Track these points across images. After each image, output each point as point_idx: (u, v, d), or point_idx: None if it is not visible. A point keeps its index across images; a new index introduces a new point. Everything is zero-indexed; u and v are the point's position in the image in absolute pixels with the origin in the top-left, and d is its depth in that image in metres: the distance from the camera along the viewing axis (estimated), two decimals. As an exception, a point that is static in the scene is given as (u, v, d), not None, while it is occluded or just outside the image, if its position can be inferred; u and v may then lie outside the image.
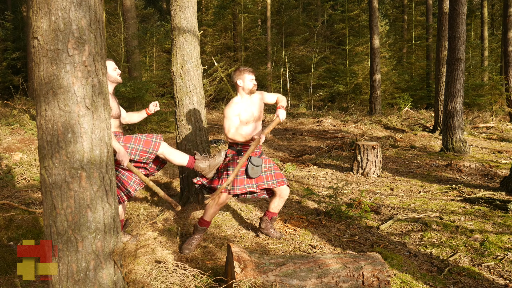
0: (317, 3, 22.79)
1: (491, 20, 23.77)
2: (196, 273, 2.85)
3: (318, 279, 2.64)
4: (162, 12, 22.70)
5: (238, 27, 17.24)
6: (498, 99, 12.86)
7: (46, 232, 2.11)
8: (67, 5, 1.99)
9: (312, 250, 3.63)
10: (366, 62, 16.25)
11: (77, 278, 2.08)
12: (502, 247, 3.60)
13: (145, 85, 9.03)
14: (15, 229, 3.67)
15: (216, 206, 3.49)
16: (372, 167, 6.34)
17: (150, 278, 2.70)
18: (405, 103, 14.68)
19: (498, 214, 4.43)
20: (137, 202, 4.70)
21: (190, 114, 4.39)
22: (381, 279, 2.70)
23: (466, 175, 6.28)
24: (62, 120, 2.02)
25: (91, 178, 2.09)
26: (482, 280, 3.07)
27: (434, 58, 16.21)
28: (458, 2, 7.91)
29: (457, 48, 8.01)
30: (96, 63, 2.09)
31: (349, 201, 4.99)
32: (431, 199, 5.08)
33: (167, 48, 14.74)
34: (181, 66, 4.35)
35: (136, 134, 3.24)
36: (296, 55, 18.19)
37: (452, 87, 8.07)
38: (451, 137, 8.03)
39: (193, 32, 4.37)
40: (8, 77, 16.10)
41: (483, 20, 17.80)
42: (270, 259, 2.75)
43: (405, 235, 3.98)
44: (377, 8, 13.47)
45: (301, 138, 10.13)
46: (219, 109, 14.63)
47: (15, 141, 6.71)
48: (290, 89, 16.66)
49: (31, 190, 4.89)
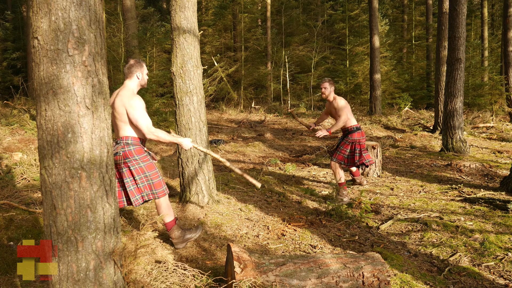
0: (317, 3, 22.79)
1: (491, 20, 23.76)
2: (196, 273, 2.85)
3: (318, 279, 2.64)
4: (162, 12, 22.70)
5: (238, 27, 17.24)
6: (498, 99, 12.86)
7: (46, 232, 2.11)
8: (67, 5, 1.99)
9: (312, 250, 3.63)
10: (366, 62, 16.25)
11: (77, 278, 2.08)
12: (502, 247, 3.60)
13: (145, 85, 9.01)
14: (15, 229, 3.67)
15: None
16: (372, 167, 6.34)
17: (150, 278, 2.70)
18: (405, 103, 14.68)
19: (498, 214, 4.44)
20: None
21: (190, 114, 4.39)
22: (381, 279, 2.70)
23: (466, 175, 6.28)
24: (62, 120, 2.02)
25: (91, 178, 2.09)
26: (482, 280, 3.07)
27: (434, 58, 16.20)
28: (458, 2, 7.92)
29: (457, 48, 8.01)
30: (96, 63, 2.09)
31: (349, 201, 4.99)
32: (431, 199, 5.08)
33: (167, 48, 14.75)
34: (181, 66, 4.35)
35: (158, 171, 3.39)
36: (296, 55, 18.18)
37: (452, 87, 8.07)
38: (451, 137, 8.03)
39: (193, 32, 4.37)
40: (8, 77, 16.09)
41: (483, 20, 17.79)
42: (270, 259, 2.75)
43: (405, 235, 3.98)
44: (377, 8, 13.46)
45: (301, 138, 10.13)
46: (219, 109, 14.63)
47: (15, 141, 6.71)
48: (290, 89, 16.66)
49: (31, 190, 4.89)
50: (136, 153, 3.23)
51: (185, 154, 4.47)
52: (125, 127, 3.22)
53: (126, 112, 3.16)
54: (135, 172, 3.23)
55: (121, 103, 3.15)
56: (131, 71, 3.31)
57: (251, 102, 16.18)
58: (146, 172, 3.26)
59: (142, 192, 3.29)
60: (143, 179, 3.26)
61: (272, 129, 11.42)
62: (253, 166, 6.98)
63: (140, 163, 3.25)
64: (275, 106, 15.58)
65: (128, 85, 3.30)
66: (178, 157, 4.57)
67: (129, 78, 3.32)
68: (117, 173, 3.27)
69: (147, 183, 3.27)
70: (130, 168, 3.23)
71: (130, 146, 3.23)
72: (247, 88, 16.84)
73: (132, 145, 3.23)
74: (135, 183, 3.26)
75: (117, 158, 3.21)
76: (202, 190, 4.50)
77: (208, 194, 4.55)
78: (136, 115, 3.15)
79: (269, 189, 5.47)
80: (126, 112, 3.16)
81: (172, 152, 7.69)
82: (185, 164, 4.48)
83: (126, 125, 3.21)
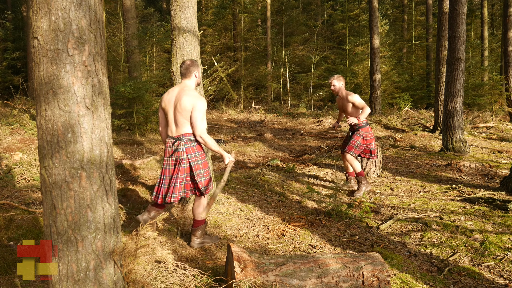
0: (317, 3, 22.78)
1: (491, 20, 23.75)
2: (196, 273, 2.85)
3: (318, 279, 2.64)
4: (162, 12, 22.70)
5: (238, 27, 17.23)
6: (498, 99, 12.86)
7: (46, 232, 2.11)
8: (67, 5, 1.99)
9: (312, 250, 3.63)
10: (366, 62, 16.25)
11: (77, 278, 2.08)
12: (502, 247, 3.60)
13: (145, 85, 9.03)
14: (15, 229, 3.67)
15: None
16: (372, 167, 6.34)
17: (150, 278, 2.70)
18: (405, 103, 14.67)
19: (498, 214, 4.44)
20: (137, 202, 4.70)
21: (190, 114, 4.38)
22: (381, 279, 2.70)
23: (466, 175, 6.28)
24: (62, 120, 2.02)
25: (91, 178, 2.09)
26: (482, 280, 3.07)
27: (434, 58, 16.20)
28: (458, 2, 7.91)
29: (457, 48, 8.00)
30: (96, 63, 2.09)
31: (349, 201, 5.00)
32: (431, 199, 5.08)
33: (167, 48, 14.74)
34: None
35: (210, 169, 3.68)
36: (296, 55, 18.18)
37: (452, 87, 8.07)
38: (451, 137, 8.03)
39: (193, 32, 4.37)
40: (8, 77, 16.10)
41: (483, 20, 17.78)
42: (270, 259, 2.75)
43: (405, 235, 3.98)
44: (377, 8, 13.45)
45: (301, 138, 10.13)
46: (219, 109, 14.63)
47: (15, 141, 6.71)
48: (290, 89, 16.66)
49: (31, 190, 4.89)
50: (197, 150, 3.42)
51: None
52: (186, 125, 3.37)
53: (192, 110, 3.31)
54: (194, 168, 3.39)
55: (190, 102, 3.30)
56: (190, 71, 3.45)
57: (251, 102, 16.19)
58: (202, 169, 3.44)
59: (189, 188, 3.47)
60: (199, 175, 3.42)
61: (272, 129, 11.42)
62: (253, 166, 6.98)
63: (199, 160, 3.42)
64: (275, 106, 15.58)
65: (188, 84, 3.46)
66: (178, 157, 4.57)
67: (188, 78, 3.47)
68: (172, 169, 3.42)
69: (200, 180, 3.43)
70: (190, 164, 3.39)
71: (192, 142, 3.40)
72: (247, 88, 16.84)
73: (194, 141, 3.41)
74: (186, 179, 3.42)
75: (178, 153, 3.37)
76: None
77: (208, 194, 4.54)
78: (198, 117, 3.31)
79: (269, 189, 5.47)
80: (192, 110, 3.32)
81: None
82: (185, 164, 4.47)
83: (187, 122, 3.37)
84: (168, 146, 3.46)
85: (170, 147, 3.43)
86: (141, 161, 6.36)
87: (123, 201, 4.64)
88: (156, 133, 9.27)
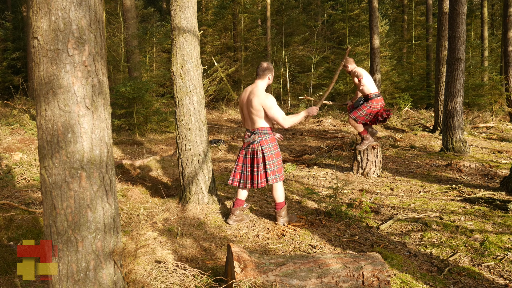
0: (317, 3, 22.77)
1: (491, 20, 23.75)
2: (196, 273, 2.85)
3: (318, 279, 2.64)
4: (162, 12, 22.71)
5: (238, 27, 17.24)
6: (498, 99, 12.85)
7: (46, 232, 2.11)
8: (67, 5, 1.99)
9: (312, 250, 3.63)
10: (366, 62, 16.24)
11: (77, 278, 2.08)
12: (502, 247, 3.60)
13: (145, 85, 9.04)
14: (15, 229, 3.67)
15: None
16: (372, 167, 6.34)
17: (150, 278, 2.70)
18: (405, 103, 14.67)
19: (498, 214, 4.43)
20: (137, 202, 4.70)
21: (190, 114, 4.39)
22: (381, 279, 2.70)
23: (466, 175, 6.28)
24: (62, 120, 2.02)
25: (91, 178, 2.09)
26: (482, 280, 3.07)
27: (434, 58, 16.19)
28: (458, 2, 7.91)
29: (457, 48, 8.00)
30: (96, 63, 2.09)
31: (349, 201, 5.00)
32: (431, 199, 5.08)
33: (167, 48, 14.75)
34: (181, 66, 4.35)
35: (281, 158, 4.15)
36: (296, 55, 18.17)
37: (452, 87, 8.07)
38: (451, 137, 8.03)
39: (193, 32, 4.37)
40: (8, 77, 16.10)
41: (483, 20, 17.77)
42: (270, 259, 2.75)
43: (405, 235, 3.98)
44: (377, 8, 13.45)
45: (301, 138, 10.13)
46: (219, 109, 14.63)
47: (15, 141, 6.71)
48: (290, 89, 16.66)
49: (31, 190, 4.89)
50: (270, 141, 3.94)
51: (185, 154, 4.47)
52: (260, 120, 3.89)
53: (263, 109, 3.81)
54: (268, 158, 3.89)
55: (259, 102, 3.80)
56: (265, 73, 3.91)
57: (251, 102, 16.14)
58: (275, 159, 3.95)
59: (268, 176, 3.92)
60: (272, 164, 3.91)
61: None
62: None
63: (272, 150, 3.93)
64: (275, 106, 15.53)
65: (260, 84, 3.91)
66: (178, 157, 4.57)
67: (262, 79, 3.92)
68: (249, 159, 3.97)
69: (274, 168, 3.93)
70: (264, 154, 3.88)
71: (266, 135, 3.92)
72: (247, 88, 16.80)
73: (267, 134, 3.94)
74: (264, 168, 3.90)
75: (254, 145, 3.92)
76: (202, 190, 4.50)
77: (208, 194, 4.55)
78: (273, 111, 3.82)
79: (269, 189, 5.47)
80: (263, 109, 3.81)
81: (172, 152, 7.68)
82: (185, 164, 4.48)
83: (261, 119, 3.88)
84: (246, 138, 4.01)
85: (248, 138, 3.98)
86: (141, 161, 6.36)
87: (123, 201, 4.64)
88: (156, 133, 9.28)
